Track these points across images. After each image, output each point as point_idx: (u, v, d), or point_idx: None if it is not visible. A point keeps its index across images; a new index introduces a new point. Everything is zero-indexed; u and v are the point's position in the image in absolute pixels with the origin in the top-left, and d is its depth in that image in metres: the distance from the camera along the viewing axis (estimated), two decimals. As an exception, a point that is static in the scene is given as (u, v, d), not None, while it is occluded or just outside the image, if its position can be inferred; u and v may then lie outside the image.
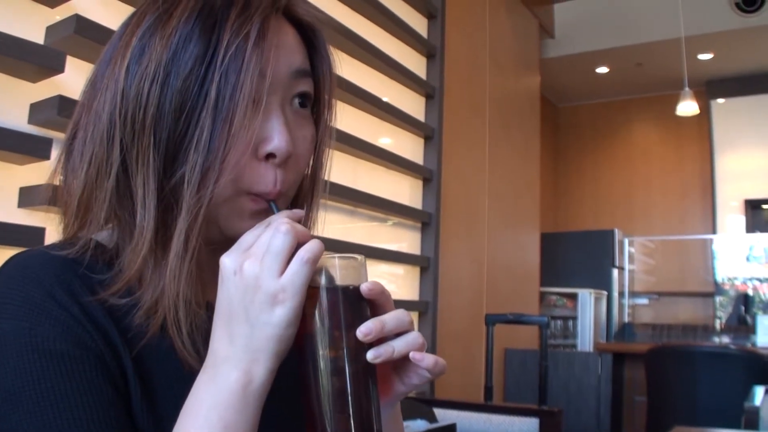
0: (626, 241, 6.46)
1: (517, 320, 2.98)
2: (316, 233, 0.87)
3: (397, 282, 3.32)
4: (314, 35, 0.79)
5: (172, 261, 0.67)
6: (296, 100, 0.75)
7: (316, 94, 0.79)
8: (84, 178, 0.71)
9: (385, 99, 3.13)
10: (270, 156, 0.70)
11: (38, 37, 1.70)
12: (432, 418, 1.82)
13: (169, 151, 0.68)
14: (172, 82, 0.67)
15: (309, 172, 0.82)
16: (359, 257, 0.67)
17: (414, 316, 3.33)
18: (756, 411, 2.37)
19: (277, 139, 0.70)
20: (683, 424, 2.47)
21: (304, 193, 0.83)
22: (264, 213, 0.71)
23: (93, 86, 0.74)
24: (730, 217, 7.45)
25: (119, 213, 0.71)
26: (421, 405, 1.91)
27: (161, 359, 0.70)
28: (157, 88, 0.67)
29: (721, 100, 7.49)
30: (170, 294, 0.68)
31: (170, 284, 0.67)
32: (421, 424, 1.69)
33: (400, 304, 3.20)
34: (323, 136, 0.82)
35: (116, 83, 0.69)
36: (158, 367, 0.70)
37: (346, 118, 2.87)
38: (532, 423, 1.92)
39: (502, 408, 2.00)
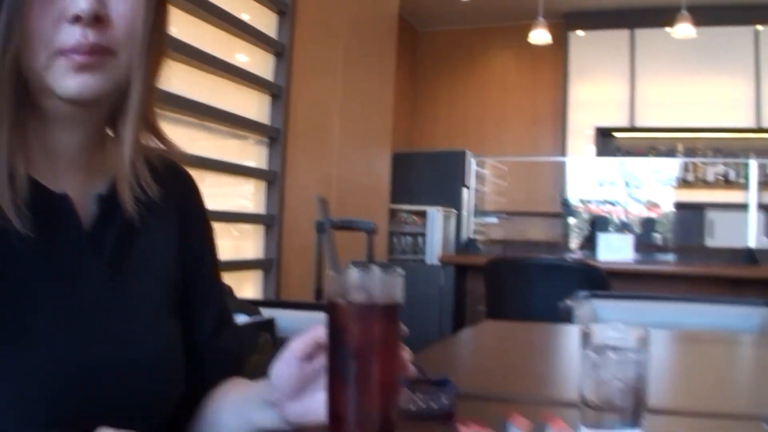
0: (473, 161, 6.70)
1: (346, 225, 3.12)
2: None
3: (244, 195, 3.39)
4: None
5: None
6: None
7: None
8: None
9: (244, 16, 3.13)
10: (77, 19, 0.71)
11: None
12: (255, 314, 1.95)
13: None
14: None
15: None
16: (399, 271, 0.67)
17: (260, 229, 3.43)
18: (569, 309, 2.62)
19: None
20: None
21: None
22: (83, 67, 0.72)
23: None
24: (581, 143, 7.91)
25: None
26: (249, 304, 2.03)
27: None
28: None
29: (580, 33, 7.87)
30: None
31: None
32: (241, 318, 1.81)
33: (246, 218, 3.21)
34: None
35: None
36: None
37: (197, 33, 2.87)
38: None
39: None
